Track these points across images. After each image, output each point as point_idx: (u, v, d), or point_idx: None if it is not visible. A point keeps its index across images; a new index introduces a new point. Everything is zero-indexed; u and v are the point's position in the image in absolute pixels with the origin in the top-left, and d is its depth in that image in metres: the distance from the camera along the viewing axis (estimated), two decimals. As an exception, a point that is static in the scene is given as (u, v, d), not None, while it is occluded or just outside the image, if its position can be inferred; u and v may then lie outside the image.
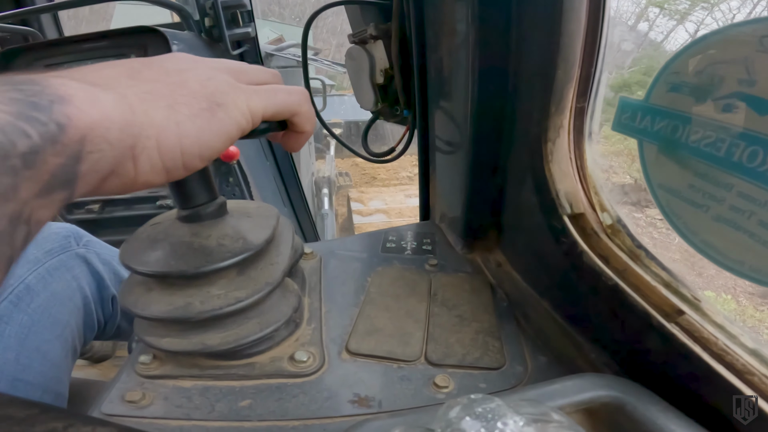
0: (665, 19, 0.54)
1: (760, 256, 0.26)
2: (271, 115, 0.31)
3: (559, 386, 0.30)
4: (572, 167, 0.41)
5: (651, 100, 0.33)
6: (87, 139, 0.19)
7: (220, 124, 0.26)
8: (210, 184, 0.37)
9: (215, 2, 1.08)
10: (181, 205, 0.36)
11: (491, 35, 0.43)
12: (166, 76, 0.26)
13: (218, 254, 0.35)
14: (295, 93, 0.32)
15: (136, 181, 0.24)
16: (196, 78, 0.27)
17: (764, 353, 0.27)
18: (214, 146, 0.26)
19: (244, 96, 0.28)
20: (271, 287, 0.37)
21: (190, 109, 0.25)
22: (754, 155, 0.26)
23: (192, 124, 0.25)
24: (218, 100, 0.26)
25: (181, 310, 0.35)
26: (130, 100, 0.22)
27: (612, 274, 0.35)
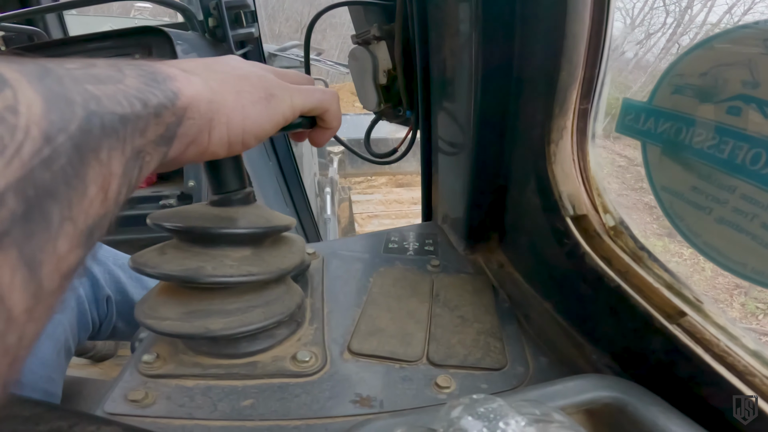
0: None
1: (762, 258, 0.26)
2: (309, 110, 0.35)
3: (560, 387, 0.30)
4: (575, 169, 0.41)
5: (655, 101, 0.33)
6: (190, 107, 0.25)
7: (273, 111, 0.32)
8: (242, 174, 0.40)
9: (219, 2, 1.09)
10: (215, 190, 0.39)
11: (495, 36, 0.43)
12: (232, 70, 0.31)
13: (242, 223, 0.38)
14: (329, 93, 0.37)
15: (208, 150, 0.29)
16: (254, 74, 0.32)
17: (766, 355, 0.27)
18: (266, 129, 0.32)
19: (289, 92, 0.33)
20: (281, 272, 0.39)
21: (252, 97, 0.30)
22: (758, 157, 0.26)
23: (253, 108, 0.30)
24: (272, 92, 0.32)
25: (192, 271, 0.35)
26: (210, 84, 0.28)
27: (614, 275, 0.35)
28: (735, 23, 0.28)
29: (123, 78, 0.22)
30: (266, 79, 0.32)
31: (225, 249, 0.37)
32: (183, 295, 0.37)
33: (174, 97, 0.24)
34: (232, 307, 0.37)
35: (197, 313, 0.36)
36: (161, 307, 0.37)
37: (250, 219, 0.38)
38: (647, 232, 0.37)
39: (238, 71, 0.31)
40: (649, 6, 0.79)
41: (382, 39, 0.62)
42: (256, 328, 0.37)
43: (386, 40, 0.62)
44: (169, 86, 0.24)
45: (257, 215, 0.39)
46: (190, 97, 0.25)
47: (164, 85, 0.24)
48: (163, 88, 0.24)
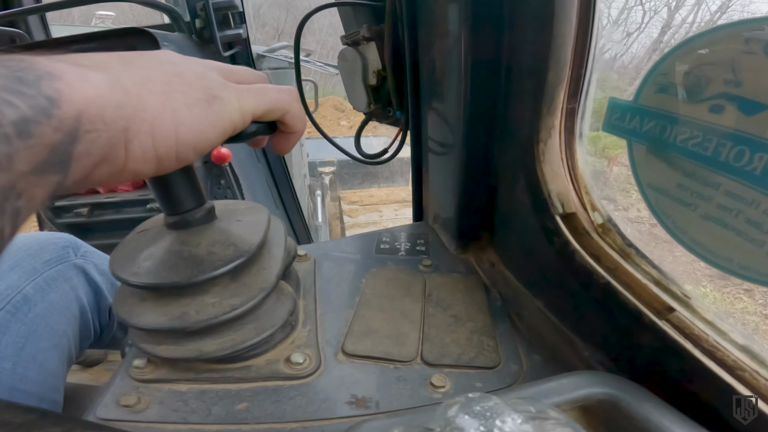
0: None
1: (747, 254, 0.27)
2: (262, 114, 0.30)
3: (554, 384, 0.30)
4: (563, 167, 0.41)
5: (640, 101, 0.33)
6: (84, 116, 0.19)
7: (216, 116, 0.26)
8: (197, 189, 0.36)
9: (206, 3, 1.08)
10: (168, 211, 0.35)
11: (483, 36, 0.44)
12: (160, 65, 0.25)
13: (209, 263, 0.35)
14: (285, 92, 0.32)
15: (125, 168, 0.23)
16: (190, 70, 0.26)
17: (754, 349, 0.27)
18: (209, 138, 0.26)
19: (237, 93, 0.28)
20: (265, 293, 0.37)
21: (187, 98, 0.24)
22: (741, 155, 0.26)
23: (189, 113, 0.24)
24: (214, 93, 0.26)
25: (176, 320, 0.34)
26: (123, 82, 0.22)
27: (603, 272, 0.36)
28: (716, 22, 0.28)
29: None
30: (206, 77, 0.27)
31: (202, 288, 0.36)
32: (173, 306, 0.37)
33: (50, 105, 0.18)
34: (223, 327, 0.37)
35: (190, 337, 0.36)
36: (154, 316, 0.36)
37: (216, 250, 0.36)
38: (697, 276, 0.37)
39: (169, 67, 0.26)
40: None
41: (372, 40, 0.62)
42: (249, 346, 0.37)
43: (376, 40, 0.62)
44: (43, 89, 0.18)
45: (223, 241, 0.37)
46: (82, 101, 0.19)
47: (35, 87, 0.18)
48: (32, 92, 0.17)
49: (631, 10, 0.52)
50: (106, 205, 1.21)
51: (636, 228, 0.31)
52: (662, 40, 0.47)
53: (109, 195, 1.18)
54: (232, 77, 0.30)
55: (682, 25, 0.47)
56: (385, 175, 4.23)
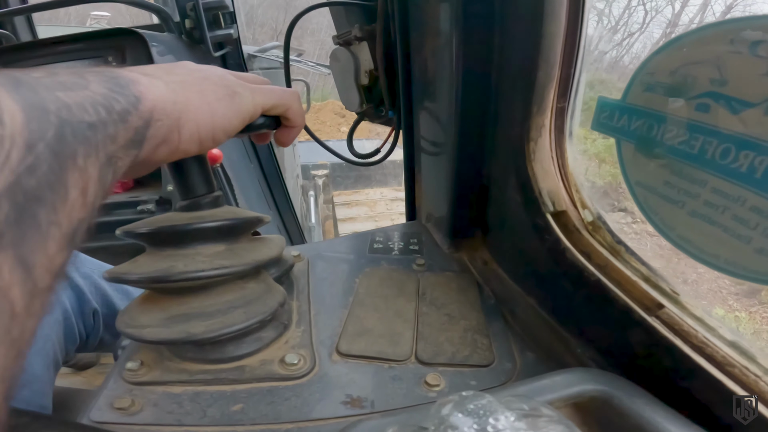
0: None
1: (734, 250, 0.27)
2: (270, 108, 0.36)
3: (547, 381, 0.30)
4: (554, 166, 0.42)
5: (628, 99, 0.34)
6: (155, 109, 0.26)
7: (238, 107, 0.33)
8: (210, 178, 0.40)
9: (196, 4, 1.07)
10: (183, 195, 0.39)
11: (474, 36, 0.44)
12: (191, 72, 0.32)
13: (212, 217, 0.38)
14: (288, 91, 0.39)
15: (179, 148, 0.30)
16: (214, 74, 0.33)
17: (743, 345, 0.28)
18: (234, 124, 0.33)
19: (250, 90, 0.35)
20: (256, 264, 0.39)
21: (216, 95, 0.32)
22: (727, 152, 0.27)
23: (219, 105, 0.32)
24: (234, 90, 0.33)
25: (162, 271, 0.35)
26: (172, 86, 0.29)
27: (594, 269, 0.36)
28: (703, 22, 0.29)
29: (87, 84, 0.22)
30: (226, 78, 0.34)
31: (197, 247, 0.37)
32: (162, 301, 0.37)
33: (136, 101, 0.25)
34: (212, 310, 0.36)
35: (177, 318, 0.36)
36: (142, 315, 0.36)
37: (218, 215, 0.39)
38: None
39: (198, 73, 0.33)
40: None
41: (364, 40, 0.62)
42: (238, 329, 0.36)
43: (368, 40, 0.62)
44: (132, 90, 0.25)
45: (228, 212, 0.40)
46: (153, 99, 0.26)
47: (127, 89, 0.24)
48: (126, 93, 0.24)
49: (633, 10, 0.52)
50: (97, 207, 1.19)
51: (657, 242, 0.31)
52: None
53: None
54: (245, 80, 0.36)
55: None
56: (378, 177, 4.24)
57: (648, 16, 0.52)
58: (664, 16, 0.49)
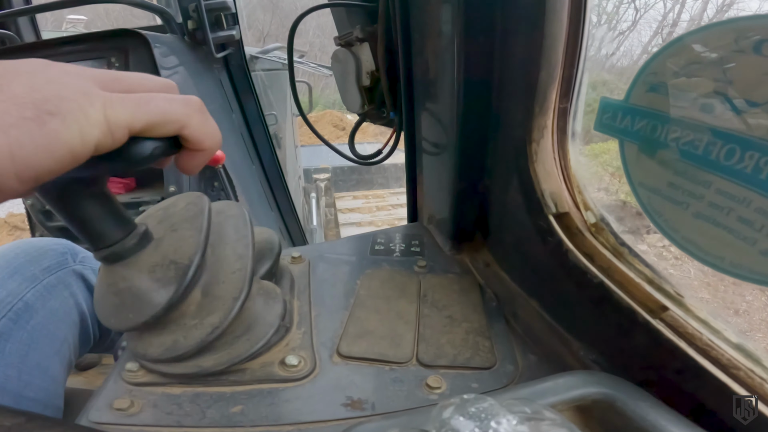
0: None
1: (739, 252, 0.27)
2: (143, 128, 0.25)
3: (550, 384, 0.30)
4: (556, 167, 0.41)
5: (631, 100, 0.33)
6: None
7: (50, 137, 0.21)
8: (120, 216, 0.32)
9: (198, 5, 1.07)
10: (92, 246, 0.32)
11: (476, 37, 0.44)
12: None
13: (160, 291, 0.33)
14: (180, 102, 0.27)
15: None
16: (26, 82, 0.22)
17: (748, 347, 0.27)
18: (40, 165, 0.21)
19: (100, 103, 0.23)
20: (240, 302, 0.36)
21: (4, 119, 0.20)
22: (731, 153, 0.26)
23: (2, 137, 0.20)
24: (51, 108, 0.21)
25: (171, 349, 0.35)
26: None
27: (597, 271, 0.36)
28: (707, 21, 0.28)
29: None
30: (48, 88, 0.22)
31: (172, 316, 0.35)
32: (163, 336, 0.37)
33: None
34: (217, 344, 0.37)
35: (188, 357, 0.36)
36: (151, 348, 0.36)
37: (158, 274, 0.33)
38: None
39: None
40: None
41: (365, 40, 0.62)
42: (245, 358, 0.37)
43: (369, 41, 0.62)
44: None
45: (161, 262, 0.34)
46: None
47: None
48: None
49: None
50: (99, 208, 1.20)
51: (701, 268, 0.30)
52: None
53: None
54: (116, 86, 0.25)
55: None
56: (380, 180, 4.24)
57: (638, 14, 0.52)
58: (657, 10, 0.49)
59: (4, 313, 0.49)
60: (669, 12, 0.70)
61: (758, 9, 0.36)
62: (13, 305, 0.51)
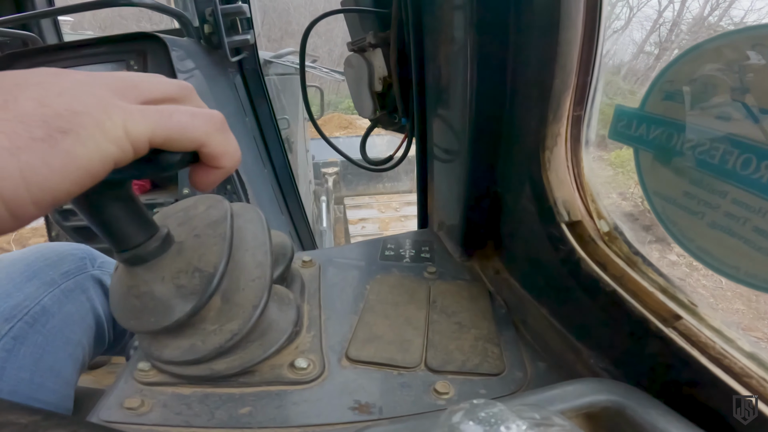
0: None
1: (755, 262, 0.26)
2: (163, 142, 0.24)
3: (559, 391, 0.30)
4: (569, 175, 0.41)
5: (646, 108, 0.33)
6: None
7: (65, 158, 0.19)
8: (143, 218, 0.32)
9: (215, 9, 1.09)
10: (116, 248, 0.31)
11: (489, 44, 0.44)
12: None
13: (181, 300, 0.33)
14: (202, 117, 0.26)
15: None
16: (35, 95, 0.20)
17: (761, 356, 0.27)
18: (57, 189, 0.19)
19: (121, 115, 0.22)
20: (259, 310, 0.36)
21: (13, 141, 0.18)
22: (748, 162, 0.26)
23: (13, 161, 0.18)
24: (64, 125, 0.20)
25: (188, 352, 0.36)
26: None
27: (610, 280, 0.36)
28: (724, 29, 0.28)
29: None
30: (61, 102, 0.20)
31: (193, 321, 0.36)
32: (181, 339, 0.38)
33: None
34: (231, 348, 0.37)
35: (203, 360, 0.37)
36: (165, 349, 0.37)
37: (182, 282, 0.33)
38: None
39: (1, 94, 0.19)
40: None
41: (378, 46, 0.63)
42: (257, 363, 0.38)
43: (382, 47, 0.63)
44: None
45: (185, 268, 0.34)
46: None
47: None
48: None
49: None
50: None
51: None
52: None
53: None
54: (133, 93, 0.24)
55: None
56: (390, 174, 4.20)
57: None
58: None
59: (21, 317, 0.50)
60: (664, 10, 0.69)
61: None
62: (30, 309, 0.51)
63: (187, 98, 0.28)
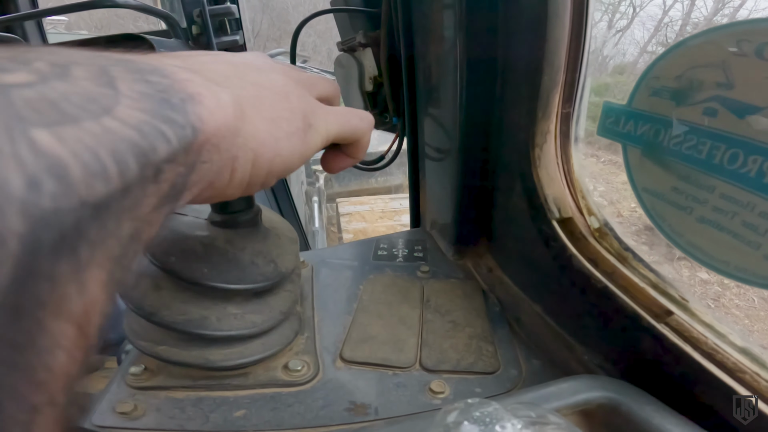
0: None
1: (744, 256, 0.27)
2: (341, 140, 0.29)
3: (554, 389, 0.30)
4: (560, 172, 0.41)
5: (633, 104, 0.33)
6: (205, 148, 0.17)
7: (307, 146, 0.24)
8: None
9: (203, 10, 1.08)
10: (219, 208, 0.34)
11: (478, 42, 0.44)
12: (269, 82, 0.23)
13: (250, 274, 0.34)
14: (366, 119, 0.31)
15: (224, 193, 0.21)
16: (293, 92, 0.24)
17: (754, 351, 0.27)
18: (293, 168, 0.24)
19: (325, 118, 0.26)
20: (284, 316, 0.38)
21: (289, 127, 0.23)
22: (735, 157, 0.26)
23: (287, 143, 0.22)
24: (311, 121, 0.24)
25: (196, 323, 0.34)
26: (242, 103, 0.20)
27: (601, 276, 0.36)
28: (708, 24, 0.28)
29: (113, 104, 0.13)
30: (305, 101, 0.25)
31: (229, 295, 0.35)
32: (193, 305, 0.36)
33: (193, 134, 0.15)
34: (230, 336, 0.36)
35: (198, 343, 0.36)
36: (154, 329, 0.36)
37: (258, 262, 0.35)
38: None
39: (276, 85, 0.23)
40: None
41: (368, 46, 0.63)
42: (255, 360, 0.37)
43: (372, 47, 0.62)
44: (190, 116, 0.15)
45: (266, 254, 0.36)
46: (215, 128, 0.17)
47: (183, 113, 0.15)
48: (182, 120, 0.15)
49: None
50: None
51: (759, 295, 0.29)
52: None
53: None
54: (315, 92, 0.28)
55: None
56: (383, 170, 4.18)
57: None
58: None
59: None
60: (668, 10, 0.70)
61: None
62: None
63: (338, 96, 0.32)
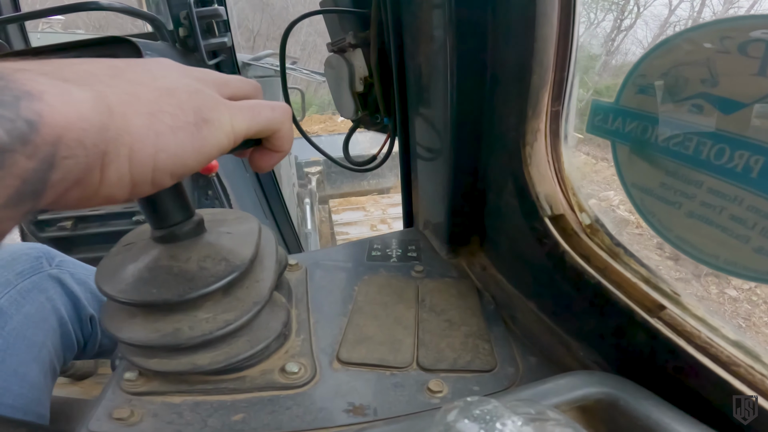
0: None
1: (733, 250, 0.27)
2: (254, 134, 0.29)
3: (551, 385, 0.30)
4: (550, 170, 0.42)
5: (621, 102, 0.34)
6: (62, 142, 0.17)
7: (202, 142, 0.24)
8: (185, 201, 0.35)
9: (190, 12, 1.07)
10: (155, 224, 0.34)
11: (468, 41, 0.44)
12: (153, 80, 0.23)
13: (201, 279, 0.34)
14: (279, 110, 0.30)
15: (98, 193, 0.21)
16: (185, 88, 0.24)
17: (747, 344, 0.28)
18: (189, 165, 0.24)
19: (229, 114, 0.26)
20: (259, 306, 0.37)
21: (175, 121, 0.23)
22: (721, 153, 0.27)
23: (173, 138, 0.22)
24: (205, 116, 0.24)
25: (169, 336, 0.34)
26: (109, 100, 0.20)
27: (594, 272, 0.36)
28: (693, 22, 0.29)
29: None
30: (201, 96, 0.25)
31: (195, 304, 0.36)
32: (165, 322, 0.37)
33: (29, 130, 0.16)
34: (217, 341, 0.36)
35: (183, 351, 0.36)
36: (142, 333, 0.35)
37: (207, 265, 0.35)
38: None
39: (161, 82, 0.24)
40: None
41: (358, 46, 0.63)
42: (243, 359, 0.37)
43: (362, 47, 0.62)
44: (22, 111, 0.16)
45: (214, 255, 0.36)
46: (63, 124, 0.17)
47: (14, 108, 0.16)
48: (11, 114, 0.16)
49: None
50: (90, 218, 1.19)
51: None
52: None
53: (94, 208, 1.17)
54: (227, 90, 0.28)
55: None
56: (375, 171, 4.18)
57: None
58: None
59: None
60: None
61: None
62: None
63: (258, 95, 0.32)
